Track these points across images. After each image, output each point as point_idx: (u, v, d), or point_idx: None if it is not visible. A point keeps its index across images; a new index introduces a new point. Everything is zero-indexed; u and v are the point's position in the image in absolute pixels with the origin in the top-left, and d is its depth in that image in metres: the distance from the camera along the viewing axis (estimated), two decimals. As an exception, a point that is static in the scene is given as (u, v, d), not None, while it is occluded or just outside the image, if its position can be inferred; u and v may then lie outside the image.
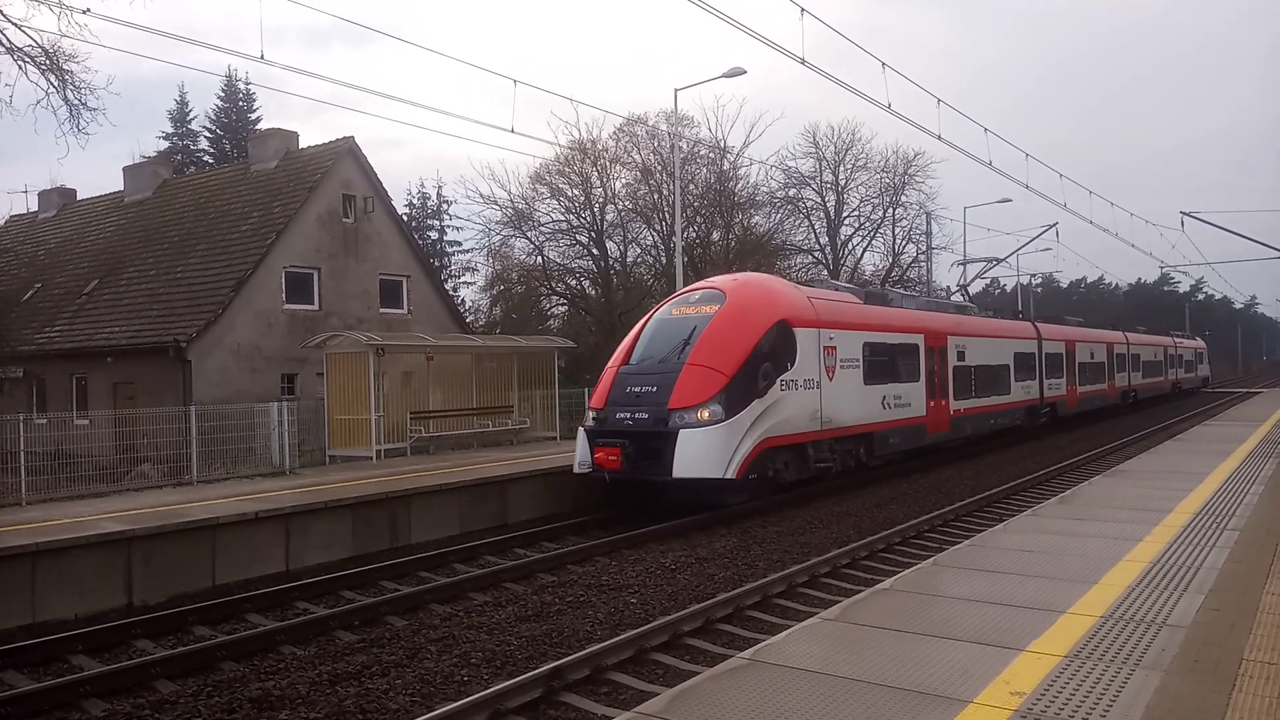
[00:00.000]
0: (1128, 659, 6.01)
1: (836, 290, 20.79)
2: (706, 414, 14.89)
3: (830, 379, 17.56)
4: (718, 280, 18.91)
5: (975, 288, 69.77)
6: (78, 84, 18.98)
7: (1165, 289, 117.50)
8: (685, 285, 22.57)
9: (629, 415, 15.47)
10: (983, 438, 26.35)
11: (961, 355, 23.95)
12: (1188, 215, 32.41)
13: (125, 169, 36.32)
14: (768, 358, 16.03)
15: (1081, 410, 34.57)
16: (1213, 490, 13.37)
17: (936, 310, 25.09)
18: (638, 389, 15.80)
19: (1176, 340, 56.81)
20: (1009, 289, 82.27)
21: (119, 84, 37.89)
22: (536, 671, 7.81)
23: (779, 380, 16.14)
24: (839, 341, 18.07)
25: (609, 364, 17.23)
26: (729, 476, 15.00)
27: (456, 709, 7.08)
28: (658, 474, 14.80)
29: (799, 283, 22.66)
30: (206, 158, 54.51)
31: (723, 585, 11.22)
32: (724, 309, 16.47)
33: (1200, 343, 70.00)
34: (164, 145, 54.77)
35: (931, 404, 22.13)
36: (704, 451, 14.77)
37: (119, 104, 34.33)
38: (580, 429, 16.42)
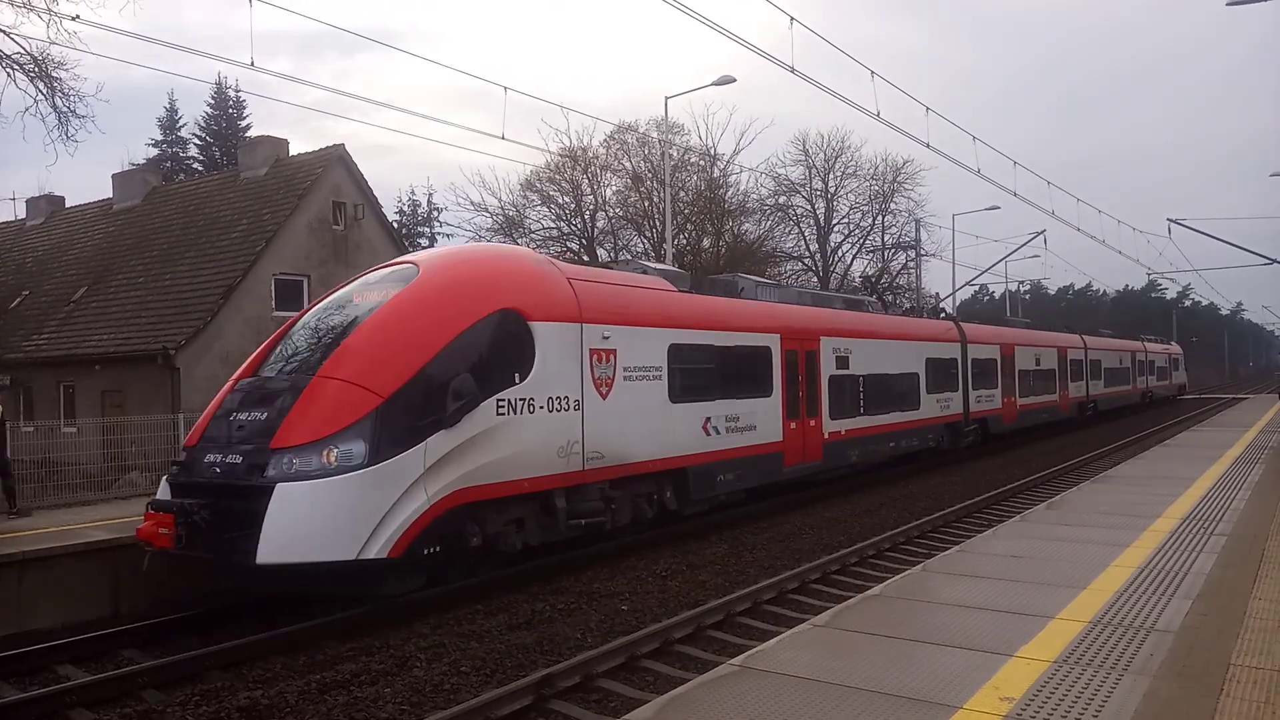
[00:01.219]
0: (1116, 664, 6.04)
1: (634, 273, 15.10)
2: (334, 456, 9.54)
3: (604, 396, 12.50)
4: (425, 253, 13.77)
5: (964, 294, 70.15)
6: (66, 91, 19.00)
7: (1153, 295, 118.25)
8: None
9: (219, 459, 10.04)
10: (879, 465, 21.32)
11: (844, 361, 19.04)
12: (1174, 222, 32.57)
13: (114, 176, 36.14)
14: (472, 366, 10.63)
15: (1024, 426, 29.98)
16: (1200, 495, 13.45)
17: (811, 304, 20.09)
18: (244, 416, 10.40)
19: (1147, 344, 52.31)
20: (998, 296, 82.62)
21: (108, 91, 37.75)
22: (526, 679, 7.78)
23: (496, 399, 10.82)
24: (624, 343, 12.94)
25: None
26: (373, 556, 9.51)
27: (446, 717, 7.06)
28: (236, 555, 9.21)
29: (579, 264, 16.92)
30: (196, 165, 54.39)
31: (714, 592, 11.22)
32: (406, 292, 11.18)
33: (1176, 347, 64.42)
34: (153, 152, 54.68)
35: (793, 426, 16.98)
36: (321, 518, 9.30)
37: (108, 111, 34.33)
38: (164, 480, 10.75)
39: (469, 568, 11.27)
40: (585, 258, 44.35)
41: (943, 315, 30.64)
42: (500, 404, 10.96)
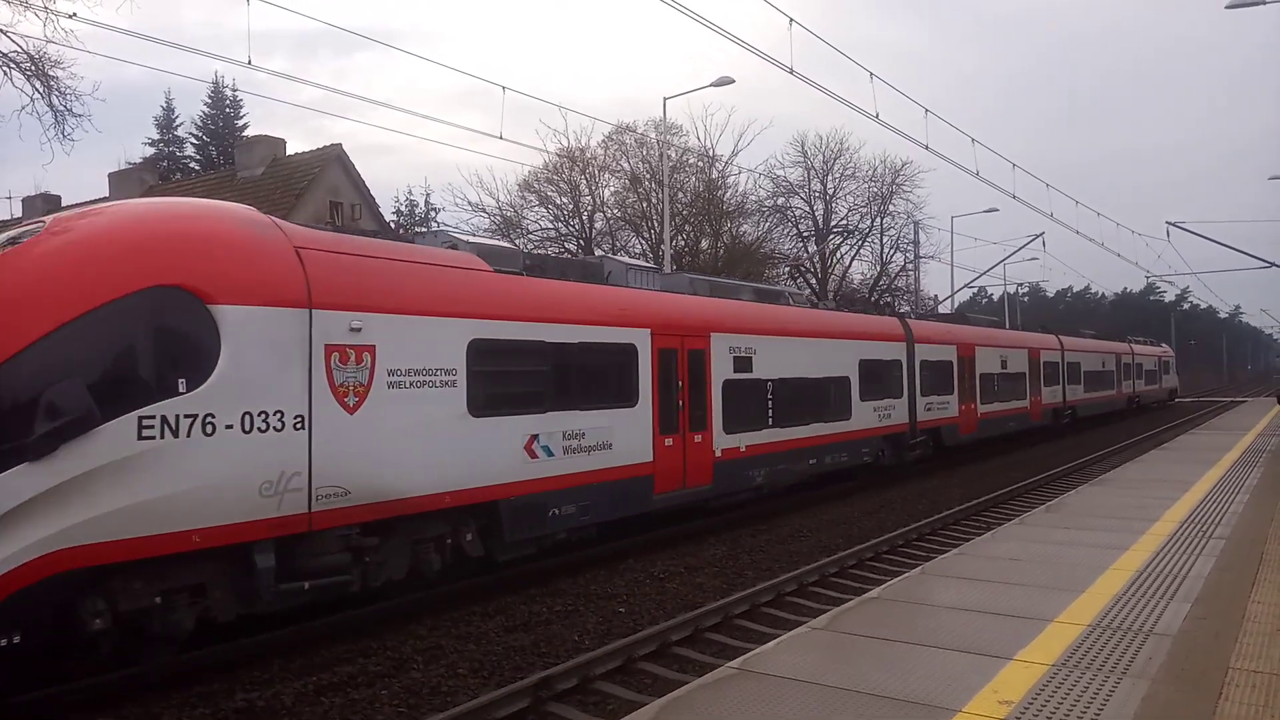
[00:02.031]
0: (1115, 667, 6.03)
1: (424, 246, 11.43)
2: None
3: (352, 409, 9.22)
4: (79, 210, 9.50)
5: (963, 297, 70.20)
6: (63, 90, 18.93)
7: (1151, 298, 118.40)
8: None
9: None
10: (797, 487, 18.20)
11: (745, 363, 15.86)
12: (1173, 225, 32.66)
13: (110, 175, 36.18)
14: (87, 369, 7.62)
15: (986, 436, 26.75)
16: (1199, 499, 13.46)
17: (709, 294, 16.53)
18: None
19: (1134, 346, 48.72)
20: (996, 298, 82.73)
21: (104, 90, 37.63)
22: (524, 681, 7.77)
23: (138, 417, 7.69)
24: (389, 337, 9.64)
25: None
26: None
27: (443, 719, 7.04)
28: None
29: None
30: (193, 164, 54.34)
31: (711, 594, 11.20)
32: (9, 254, 7.97)
33: (1166, 350, 60.47)
34: (150, 151, 54.61)
35: (669, 443, 13.87)
36: None
37: (104, 110, 34.31)
38: None
39: (102, 658, 8.02)
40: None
41: (888, 310, 26.94)
42: (146, 424, 7.68)
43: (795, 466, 17.22)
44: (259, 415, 8.42)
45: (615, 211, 44.23)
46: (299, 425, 8.72)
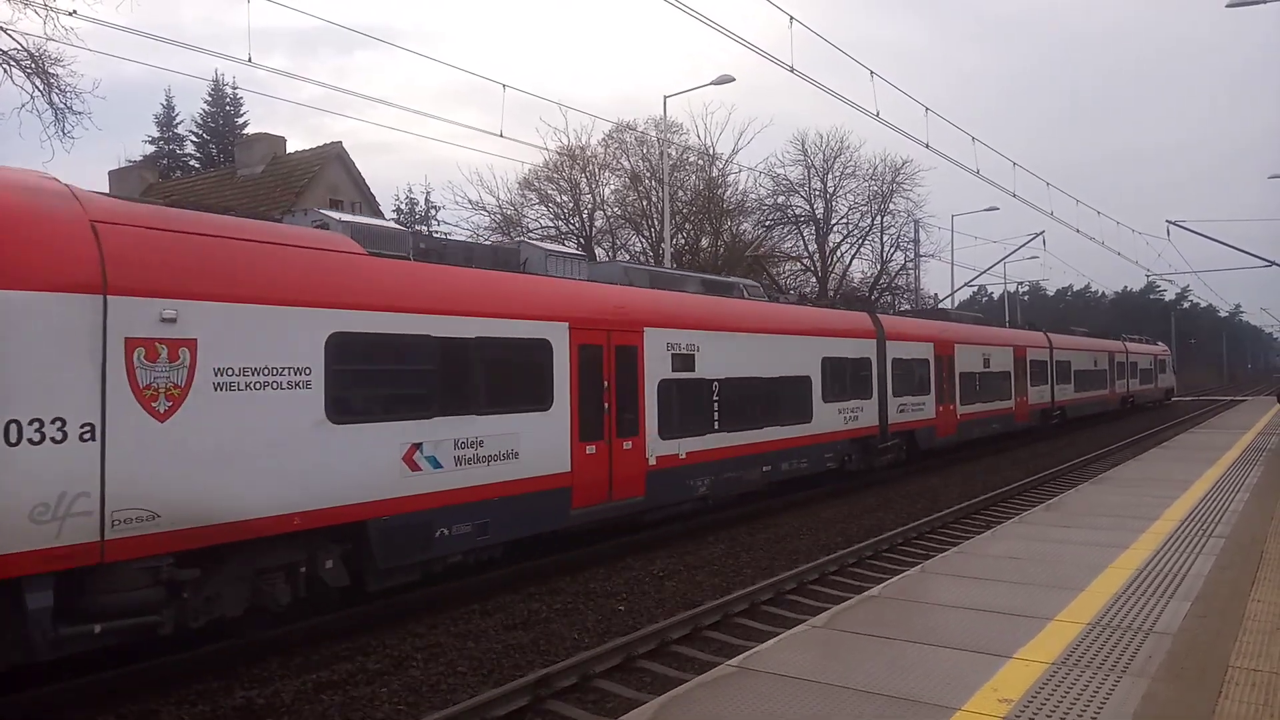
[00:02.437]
0: (1115, 666, 6.03)
1: (275, 225, 10.00)
2: None
3: (164, 415, 7.78)
4: None
5: (962, 296, 70.20)
6: (63, 87, 18.98)
7: (1151, 297, 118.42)
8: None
9: None
10: (751, 496, 16.73)
11: (686, 361, 14.33)
12: (1174, 224, 32.62)
13: (110, 173, 36.13)
14: None
15: (966, 439, 25.40)
16: (1198, 497, 13.45)
17: (648, 285, 15.14)
18: None
19: (1128, 345, 47.22)
20: (996, 297, 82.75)
21: (104, 87, 37.73)
22: (524, 680, 7.77)
23: None
24: (216, 327, 8.21)
25: None
26: None
27: (443, 718, 7.04)
28: None
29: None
30: (193, 162, 54.30)
31: (711, 593, 11.20)
32: None
33: (1163, 348, 58.38)
34: (150, 149, 54.58)
35: (591, 451, 12.37)
36: None
37: (104, 108, 34.30)
38: None
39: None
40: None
41: (860, 305, 25.75)
42: None
43: (746, 474, 15.74)
44: (30, 424, 6.91)
45: (615, 210, 44.22)
46: (87, 436, 7.21)
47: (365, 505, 9.33)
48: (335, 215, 10.88)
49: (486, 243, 14.33)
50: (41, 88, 18.81)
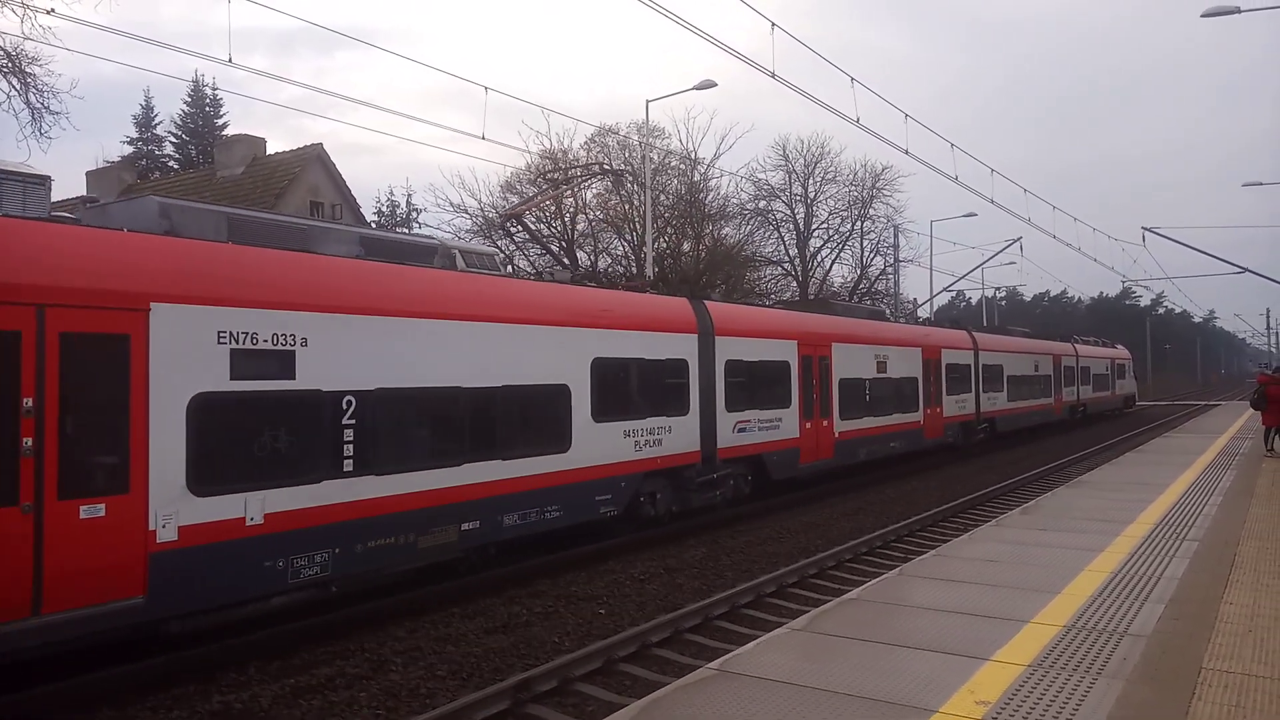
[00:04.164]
0: (1090, 668, 6.10)
1: None
2: None
3: None
4: None
5: (941, 301, 70.63)
6: (40, 87, 18.79)
7: (1127, 303, 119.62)
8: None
9: None
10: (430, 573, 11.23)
11: (266, 363, 9.00)
12: (1149, 231, 33.03)
13: (89, 173, 35.81)
14: None
15: (851, 462, 20.53)
16: (1172, 501, 13.61)
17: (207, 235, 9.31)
18: None
19: (1079, 347, 41.66)
20: (974, 302, 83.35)
21: (82, 87, 37.37)
22: (504, 683, 7.76)
23: None
24: None
25: None
26: None
27: (422, 722, 7.02)
28: None
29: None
30: (172, 163, 53.85)
31: (691, 596, 11.22)
32: None
33: (1121, 351, 51.94)
34: (129, 150, 54.10)
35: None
36: None
37: (83, 108, 33.92)
38: None
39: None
40: (565, 261, 44.37)
41: (685, 291, 19.50)
42: None
43: (423, 537, 10.29)
44: None
45: (597, 213, 44.21)
46: None
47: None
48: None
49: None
50: (18, 87, 18.66)
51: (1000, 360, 30.67)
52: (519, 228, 14.98)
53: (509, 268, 14.39)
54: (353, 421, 9.66)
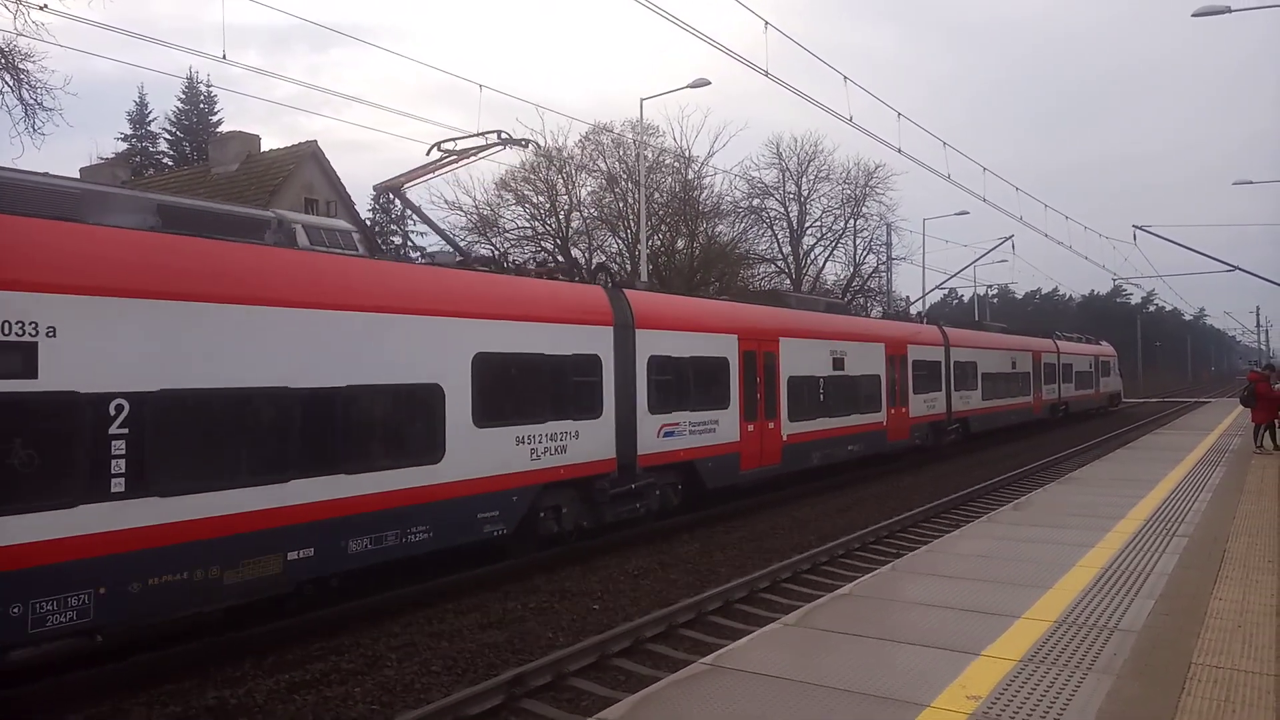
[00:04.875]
0: (1081, 663, 6.14)
1: None
2: None
3: None
4: None
5: (933, 298, 70.73)
6: (34, 83, 18.71)
7: (1118, 301, 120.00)
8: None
9: None
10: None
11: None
12: (1140, 229, 33.10)
13: (82, 170, 35.61)
14: None
15: (802, 468, 18.80)
16: (1163, 497, 13.69)
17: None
18: None
19: (1061, 344, 40.06)
20: (966, 300, 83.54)
21: (76, 84, 37.28)
22: (498, 678, 7.79)
23: None
24: None
25: None
26: None
27: (416, 717, 7.04)
28: None
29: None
30: (166, 160, 53.64)
31: (685, 591, 11.26)
32: None
33: (1106, 347, 49.76)
34: (123, 146, 53.85)
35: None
36: None
37: (76, 104, 33.86)
38: None
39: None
40: (560, 258, 44.34)
41: (601, 280, 15.66)
42: None
43: (203, 585, 8.22)
44: None
45: (592, 211, 44.23)
46: None
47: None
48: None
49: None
50: (11, 83, 18.57)
51: (974, 357, 29.00)
52: (394, 200, 13.08)
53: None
54: (124, 431, 7.70)
